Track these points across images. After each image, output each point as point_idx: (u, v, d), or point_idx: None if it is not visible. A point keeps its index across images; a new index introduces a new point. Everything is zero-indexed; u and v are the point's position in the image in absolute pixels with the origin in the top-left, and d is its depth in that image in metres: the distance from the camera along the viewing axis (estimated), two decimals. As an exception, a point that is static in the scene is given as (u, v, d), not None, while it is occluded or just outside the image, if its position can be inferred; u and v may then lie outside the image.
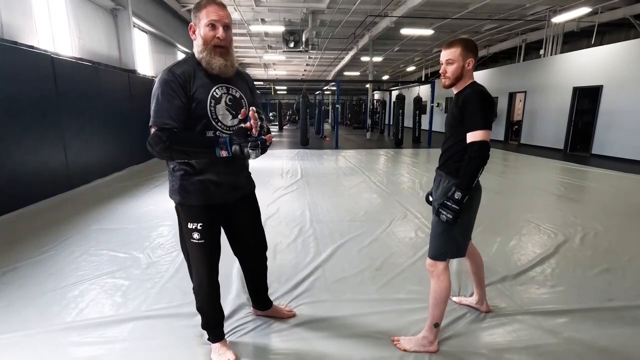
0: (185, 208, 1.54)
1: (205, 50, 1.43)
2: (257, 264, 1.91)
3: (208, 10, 1.41)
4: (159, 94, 1.37)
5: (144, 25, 8.65)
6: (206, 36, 1.42)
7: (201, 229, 1.53)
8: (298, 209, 4.22)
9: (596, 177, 6.35)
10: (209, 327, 1.73)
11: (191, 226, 1.53)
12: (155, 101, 1.37)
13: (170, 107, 1.36)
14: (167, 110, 1.35)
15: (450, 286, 1.74)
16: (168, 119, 1.35)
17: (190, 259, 1.62)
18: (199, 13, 1.42)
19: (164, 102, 1.36)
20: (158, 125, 1.35)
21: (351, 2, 9.17)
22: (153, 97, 1.39)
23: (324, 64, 20.79)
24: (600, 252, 2.99)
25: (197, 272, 1.63)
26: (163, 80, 1.38)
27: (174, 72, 1.40)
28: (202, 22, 1.42)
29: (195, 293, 1.68)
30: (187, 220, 1.54)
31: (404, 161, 8.40)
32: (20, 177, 4.08)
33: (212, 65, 1.44)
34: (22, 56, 4.24)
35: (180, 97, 1.38)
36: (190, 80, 1.41)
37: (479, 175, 1.58)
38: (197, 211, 1.53)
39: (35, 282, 2.41)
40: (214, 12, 1.41)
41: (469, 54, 1.65)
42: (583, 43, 10.90)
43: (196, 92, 1.42)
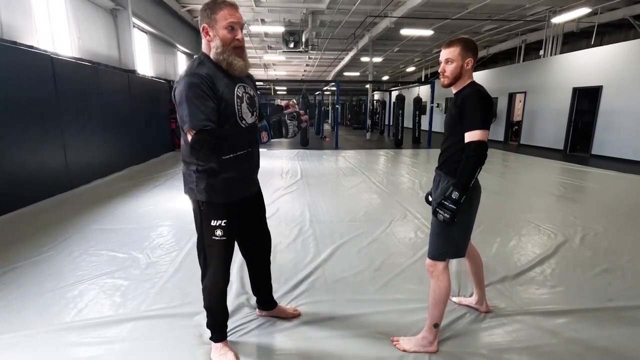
0: (210, 205, 1.55)
1: (226, 51, 1.45)
2: (264, 261, 1.94)
3: (225, 12, 1.42)
4: (191, 97, 1.36)
5: (143, 26, 8.65)
6: (225, 38, 1.43)
7: (225, 226, 1.56)
8: (298, 209, 4.22)
9: (596, 177, 6.36)
10: (215, 326, 1.73)
11: (214, 223, 1.54)
12: (188, 105, 1.36)
13: (205, 108, 1.36)
14: (203, 112, 1.35)
15: (449, 286, 1.74)
16: (206, 121, 1.35)
17: (208, 256, 1.62)
18: (214, 15, 1.42)
19: (199, 105, 1.35)
20: (198, 127, 1.34)
21: (351, 3, 9.17)
22: (183, 101, 1.37)
23: (324, 65, 20.80)
24: (600, 252, 2.99)
25: (214, 270, 1.63)
26: (192, 84, 1.37)
27: (200, 75, 1.39)
28: (219, 24, 1.42)
29: (207, 292, 1.67)
30: (211, 217, 1.55)
31: (404, 161, 8.40)
32: (19, 177, 4.08)
33: (234, 66, 1.47)
34: (22, 56, 4.24)
35: (212, 98, 1.40)
36: (215, 81, 1.43)
37: (477, 175, 1.58)
38: (222, 208, 1.55)
39: (34, 282, 2.40)
40: (232, 15, 1.43)
41: (468, 54, 1.65)
42: (583, 43, 10.91)
43: (223, 93, 1.45)
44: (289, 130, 1.42)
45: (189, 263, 2.74)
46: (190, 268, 2.65)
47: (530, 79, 11.22)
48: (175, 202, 4.52)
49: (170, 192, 5.05)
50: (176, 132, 9.70)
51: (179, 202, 4.52)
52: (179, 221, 3.74)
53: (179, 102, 1.39)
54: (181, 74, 1.44)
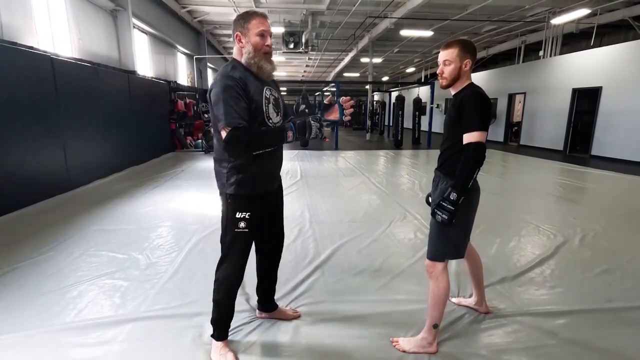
0: (236, 198, 1.64)
1: (257, 56, 1.59)
2: (275, 259, 1.98)
3: (258, 21, 1.57)
4: (226, 98, 1.48)
5: (143, 26, 8.67)
6: (257, 44, 1.58)
7: (248, 218, 1.65)
8: (298, 210, 4.22)
9: (595, 178, 6.36)
10: (219, 322, 1.75)
11: (239, 215, 1.64)
12: (224, 104, 1.48)
13: (239, 108, 1.49)
14: (237, 112, 1.48)
15: (449, 287, 1.74)
16: (240, 119, 1.47)
17: (227, 249, 1.69)
18: (247, 24, 1.57)
19: (233, 105, 1.48)
20: (232, 125, 1.46)
21: (351, 4, 9.19)
22: (219, 101, 1.49)
23: (324, 65, 20.82)
24: (599, 253, 2.99)
25: (231, 263, 1.69)
26: (227, 86, 1.50)
27: (234, 77, 1.52)
28: (252, 32, 1.57)
29: (219, 283, 1.71)
30: (236, 209, 1.64)
31: (404, 162, 8.41)
32: (19, 178, 4.08)
33: (264, 70, 1.62)
34: (22, 57, 4.24)
35: (244, 99, 1.52)
36: (247, 84, 1.55)
37: (475, 176, 1.59)
38: (246, 201, 1.65)
39: (34, 283, 2.41)
40: (263, 24, 1.59)
41: (467, 55, 1.66)
42: (582, 44, 10.93)
43: (254, 95, 1.57)
44: (312, 131, 1.56)
45: (189, 264, 2.74)
46: (190, 268, 2.65)
47: (530, 79, 11.23)
48: (176, 203, 4.52)
49: (170, 192, 5.05)
50: (176, 133, 9.71)
51: (179, 203, 4.52)
52: (179, 222, 3.74)
53: (215, 102, 1.51)
54: (215, 77, 1.56)
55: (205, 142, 9.42)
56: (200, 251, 2.99)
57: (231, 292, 1.73)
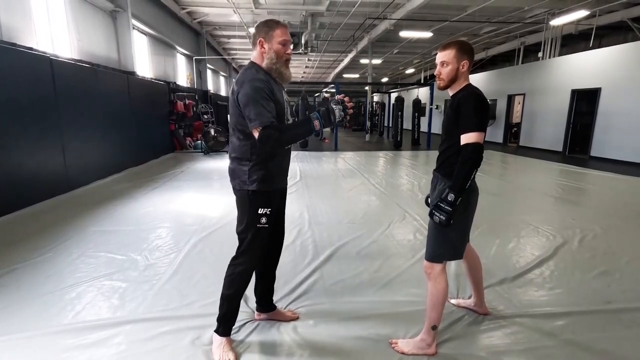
0: (259, 195, 1.69)
1: (278, 62, 1.68)
2: (276, 256, 2.01)
3: (281, 31, 1.67)
4: (258, 99, 1.56)
5: (143, 27, 8.67)
6: (279, 51, 1.67)
7: (269, 214, 1.72)
8: (297, 211, 4.21)
9: (595, 179, 6.36)
10: (225, 318, 1.77)
11: (261, 211, 1.70)
12: (255, 105, 1.55)
13: (269, 107, 1.56)
14: (268, 111, 1.55)
15: (447, 288, 1.74)
16: (271, 118, 1.55)
17: (248, 245, 1.72)
18: (272, 32, 1.66)
19: (264, 105, 1.55)
20: (264, 123, 1.52)
21: (350, 5, 9.20)
22: (249, 102, 1.56)
23: (323, 66, 20.85)
24: (598, 254, 2.99)
25: (250, 258, 1.74)
26: (257, 87, 1.58)
27: (262, 80, 1.62)
28: (275, 40, 1.66)
29: (231, 279, 1.74)
30: (259, 205, 1.70)
31: (403, 163, 8.41)
32: (18, 179, 4.07)
33: (284, 75, 1.72)
34: (21, 58, 4.24)
35: (272, 99, 1.60)
36: (271, 86, 1.64)
37: (473, 177, 1.58)
38: (269, 197, 1.72)
39: (33, 284, 2.40)
40: (286, 34, 1.68)
41: (464, 56, 1.66)
42: (581, 46, 10.95)
43: (277, 96, 1.66)
44: (335, 115, 1.57)
45: (188, 265, 2.74)
46: (189, 270, 2.65)
47: (529, 81, 11.25)
48: (175, 204, 4.51)
49: (170, 193, 5.05)
50: (175, 134, 9.70)
51: (178, 204, 4.52)
52: (178, 223, 3.74)
53: (245, 104, 1.57)
54: (241, 80, 1.64)
55: (204, 142, 9.42)
56: (200, 252, 2.99)
57: (243, 288, 1.78)
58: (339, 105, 1.59)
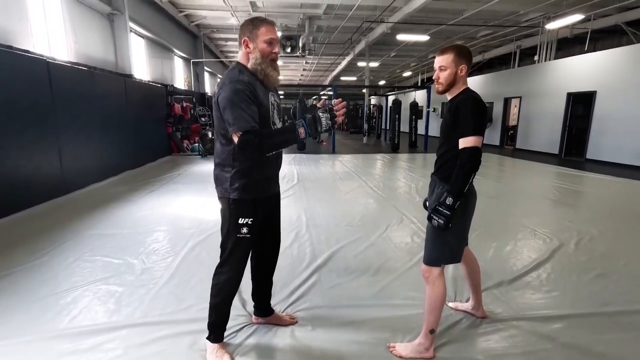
0: (240, 204, 1.63)
1: (264, 62, 1.58)
2: (272, 262, 1.97)
3: (266, 29, 1.57)
4: (237, 102, 1.47)
5: (140, 30, 8.66)
6: (264, 51, 1.57)
7: (251, 224, 1.65)
8: (294, 214, 4.21)
9: (591, 181, 6.40)
10: (215, 325, 1.75)
11: (242, 221, 1.63)
12: (235, 108, 1.46)
13: (249, 111, 1.48)
14: (249, 115, 1.47)
15: (445, 292, 1.74)
16: (252, 122, 1.47)
17: (229, 254, 1.68)
18: (256, 30, 1.57)
19: (244, 108, 1.47)
20: (245, 128, 1.44)
21: (347, 8, 9.24)
22: (228, 105, 1.47)
23: (321, 69, 20.88)
24: (595, 256, 3.00)
25: (232, 268, 1.69)
26: (238, 90, 1.49)
27: (244, 81, 1.52)
28: (260, 39, 1.56)
29: (218, 288, 1.71)
30: (239, 215, 1.63)
31: (401, 166, 8.43)
32: (14, 182, 4.04)
33: (270, 77, 1.62)
34: (18, 60, 4.22)
35: (254, 102, 1.52)
36: (255, 88, 1.55)
37: (471, 180, 1.59)
38: (250, 206, 1.65)
39: (28, 289, 2.38)
40: (272, 32, 1.58)
41: (462, 61, 1.66)
42: (576, 49, 11.04)
43: (262, 99, 1.57)
44: (322, 123, 1.47)
45: (185, 269, 2.72)
46: (186, 274, 2.63)
47: (526, 84, 11.32)
48: (172, 207, 4.50)
49: (166, 196, 5.03)
50: (172, 136, 9.68)
51: (175, 207, 4.50)
52: (175, 227, 3.72)
53: (224, 107, 1.49)
54: (223, 81, 1.56)
55: (202, 145, 9.40)
56: (197, 256, 2.97)
57: (230, 296, 1.74)
58: (326, 114, 1.48)
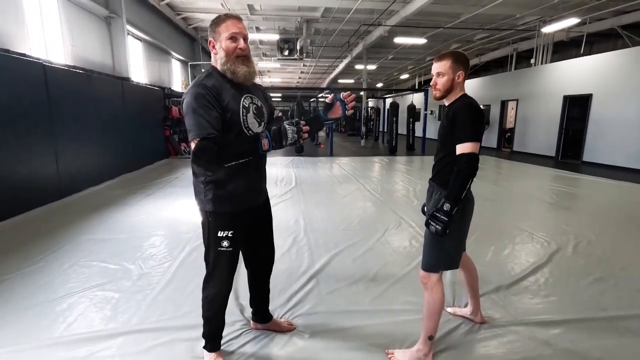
0: (217, 216, 1.57)
1: (229, 61, 1.50)
2: (267, 271, 1.93)
3: (227, 24, 1.48)
4: (196, 107, 1.41)
5: (138, 33, 8.64)
6: (228, 48, 1.49)
7: (231, 237, 1.58)
8: (292, 218, 4.20)
9: (587, 184, 6.43)
10: (210, 335, 1.73)
11: (221, 234, 1.57)
12: (193, 114, 1.40)
13: (209, 117, 1.40)
14: (207, 121, 1.40)
15: (443, 298, 1.73)
16: (210, 129, 1.39)
17: (212, 267, 1.63)
18: (218, 28, 1.49)
19: (203, 114, 1.40)
20: (201, 135, 1.38)
21: (345, 12, 9.26)
22: (189, 111, 1.42)
23: (319, 72, 20.92)
24: (593, 260, 3.01)
25: (218, 281, 1.65)
26: (198, 94, 1.43)
27: (206, 86, 1.45)
28: (222, 36, 1.49)
29: (208, 301, 1.67)
30: (218, 228, 1.57)
31: (398, 169, 8.44)
32: (9, 186, 4.01)
33: (238, 74, 1.51)
34: (14, 64, 4.20)
35: (216, 108, 1.44)
36: (221, 92, 1.47)
37: (469, 186, 1.59)
38: (229, 219, 1.58)
39: (23, 295, 2.35)
40: (234, 26, 1.49)
41: (459, 67, 1.67)
42: (572, 52, 11.10)
43: (229, 103, 1.49)
44: (287, 136, 1.40)
45: (182, 274, 2.71)
46: (184, 279, 2.62)
47: (522, 86, 11.38)
48: (169, 211, 4.47)
49: (164, 200, 5.00)
50: (170, 139, 9.66)
51: (172, 211, 4.48)
52: (172, 231, 3.70)
53: (186, 113, 1.44)
54: (189, 87, 1.49)
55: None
56: (194, 261, 2.95)
57: (222, 307, 1.71)
58: (293, 127, 1.41)
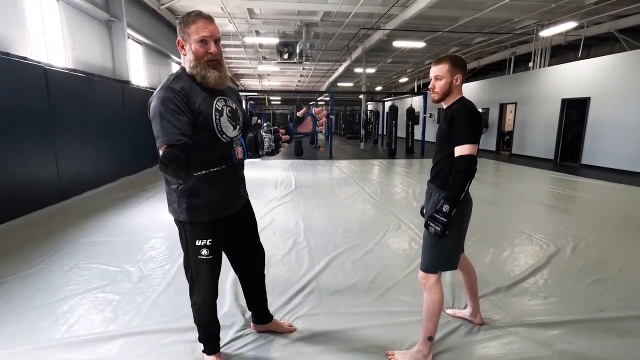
0: (194, 225, 1.52)
1: (199, 65, 1.42)
2: (258, 275, 1.91)
3: (197, 26, 1.39)
4: (163, 112, 1.33)
5: (138, 37, 8.69)
6: (198, 52, 1.41)
7: (210, 245, 1.54)
8: (292, 220, 4.21)
9: (586, 187, 6.45)
10: (206, 339, 1.73)
11: (199, 243, 1.53)
12: (160, 119, 1.32)
13: (177, 123, 1.32)
14: (175, 127, 1.32)
15: (442, 299, 1.74)
16: (178, 135, 1.31)
17: (195, 275, 1.60)
18: (187, 29, 1.40)
19: (171, 119, 1.32)
20: (169, 142, 1.30)
21: (344, 16, 9.32)
22: (156, 116, 1.34)
23: (318, 75, 20.99)
24: (591, 262, 3.02)
25: (203, 288, 1.62)
26: (165, 98, 1.35)
27: (174, 89, 1.37)
28: (192, 38, 1.40)
29: (196, 308, 1.67)
30: (195, 237, 1.53)
31: (398, 171, 8.46)
32: (10, 189, 4.02)
33: (208, 79, 1.44)
34: (15, 67, 4.22)
35: (186, 112, 1.36)
36: (191, 95, 1.40)
37: (467, 188, 1.61)
38: (206, 227, 1.53)
39: (23, 298, 2.36)
40: (204, 28, 1.39)
41: (457, 70, 1.69)
42: (570, 56, 11.18)
43: (200, 106, 1.41)
44: (264, 145, 1.30)
45: (182, 276, 2.65)
46: (184, 281, 2.57)
47: (521, 90, 11.43)
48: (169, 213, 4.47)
49: (164, 203, 4.96)
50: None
51: (172, 213, 4.48)
52: (172, 233, 3.68)
53: (152, 117, 1.36)
54: (156, 90, 1.41)
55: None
56: (194, 263, 2.95)
57: (211, 312, 1.70)
58: (269, 135, 1.31)
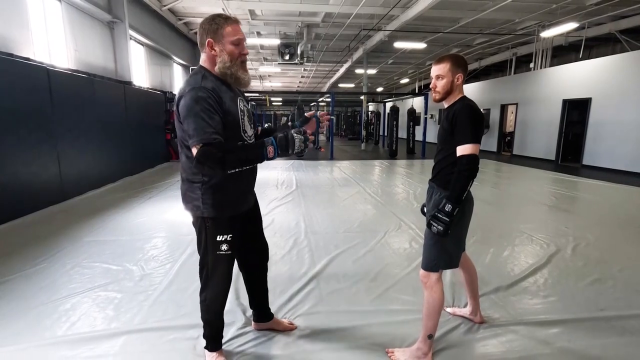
0: (216, 221, 1.56)
1: (234, 65, 1.49)
2: (262, 273, 1.94)
3: (233, 28, 1.48)
4: (198, 111, 1.36)
5: (140, 38, 8.73)
6: (233, 53, 1.48)
7: (230, 240, 1.58)
8: (293, 220, 4.22)
9: (587, 187, 6.45)
10: (212, 336, 1.74)
11: (220, 238, 1.56)
12: (195, 118, 1.36)
13: (212, 122, 1.37)
14: (211, 126, 1.36)
15: (443, 297, 1.75)
16: (214, 134, 1.36)
17: (211, 271, 1.62)
18: (221, 30, 1.46)
19: (205, 119, 1.36)
20: (205, 141, 1.34)
21: (345, 17, 9.35)
22: (190, 114, 1.37)
23: (319, 76, 21.03)
24: (591, 262, 3.02)
25: (217, 284, 1.64)
26: (199, 97, 1.38)
27: (206, 88, 1.41)
28: (226, 40, 1.47)
29: (206, 305, 1.68)
30: (217, 233, 1.56)
31: (399, 172, 8.46)
32: (12, 189, 4.05)
33: (242, 80, 1.52)
34: (18, 68, 4.25)
35: (218, 111, 1.41)
36: (221, 95, 1.45)
37: (469, 187, 1.62)
38: (228, 223, 1.58)
39: (26, 296, 2.37)
40: (239, 32, 1.50)
41: (458, 70, 1.70)
42: (571, 57, 11.18)
43: (229, 107, 1.47)
44: (295, 145, 1.40)
45: (184, 275, 2.73)
46: (185, 280, 2.64)
47: (522, 91, 11.43)
48: (170, 213, 4.50)
49: (165, 203, 5.03)
50: (171, 143, 9.71)
51: (173, 213, 4.50)
52: (173, 233, 3.72)
53: (185, 116, 1.39)
54: (184, 88, 1.44)
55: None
56: (195, 262, 2.91)
57: (220, 309, 1.71)
58: (300, 135, 1.40)
